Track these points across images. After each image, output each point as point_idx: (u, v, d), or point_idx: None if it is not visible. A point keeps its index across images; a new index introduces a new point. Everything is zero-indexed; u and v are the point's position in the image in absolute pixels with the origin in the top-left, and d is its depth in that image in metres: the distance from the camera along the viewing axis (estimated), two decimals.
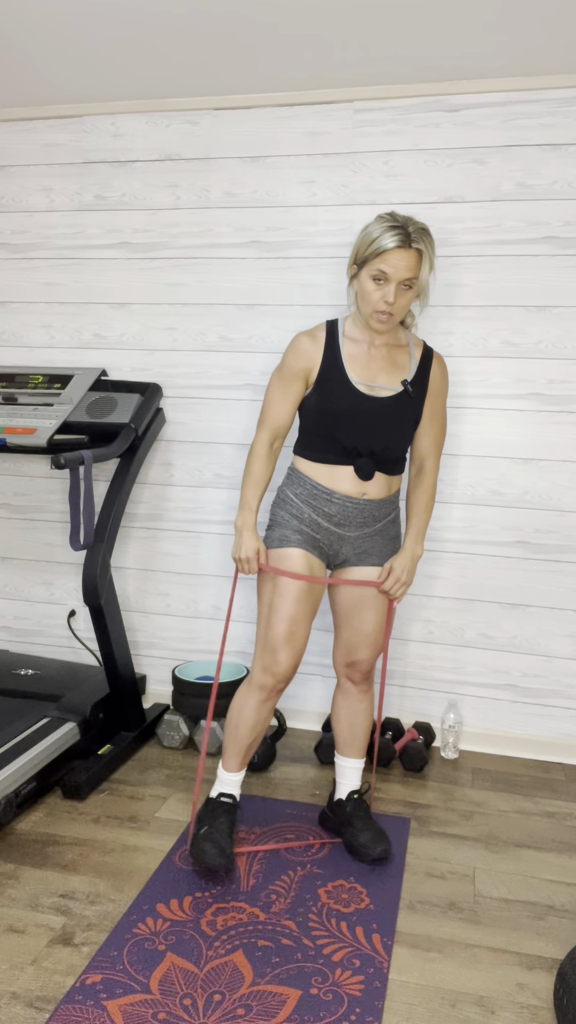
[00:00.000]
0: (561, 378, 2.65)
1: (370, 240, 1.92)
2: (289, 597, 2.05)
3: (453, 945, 1.84)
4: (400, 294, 1.95)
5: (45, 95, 2.82)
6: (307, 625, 2.08)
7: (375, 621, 2.15)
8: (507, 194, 2.62)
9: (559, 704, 2.78)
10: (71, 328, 3.02)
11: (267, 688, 2.08)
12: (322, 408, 2.02)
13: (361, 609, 2.15)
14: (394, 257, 1.90)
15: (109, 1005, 1.62)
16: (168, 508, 3.03)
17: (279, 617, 2.05)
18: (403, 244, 1.90)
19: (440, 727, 2.82)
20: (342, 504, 2.06)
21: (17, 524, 3.19)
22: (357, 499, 2.06)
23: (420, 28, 2.26)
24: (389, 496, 2.12)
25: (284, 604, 2.04)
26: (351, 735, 2.25)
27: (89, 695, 2.70)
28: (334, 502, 2.06)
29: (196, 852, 2.02)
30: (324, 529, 2.08)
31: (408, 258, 1.91)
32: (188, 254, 2.89)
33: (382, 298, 1.94)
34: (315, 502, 2.07)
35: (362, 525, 2.09)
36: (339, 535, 2.09)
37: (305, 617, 2.07)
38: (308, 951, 1.79)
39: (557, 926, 1.92)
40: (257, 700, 2.10)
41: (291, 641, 2.05)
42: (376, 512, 2.10)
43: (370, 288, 1.95)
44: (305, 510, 2.07)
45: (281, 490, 2.14)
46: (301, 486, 2.08)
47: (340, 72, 2.55)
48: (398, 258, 1.90)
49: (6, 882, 2.02)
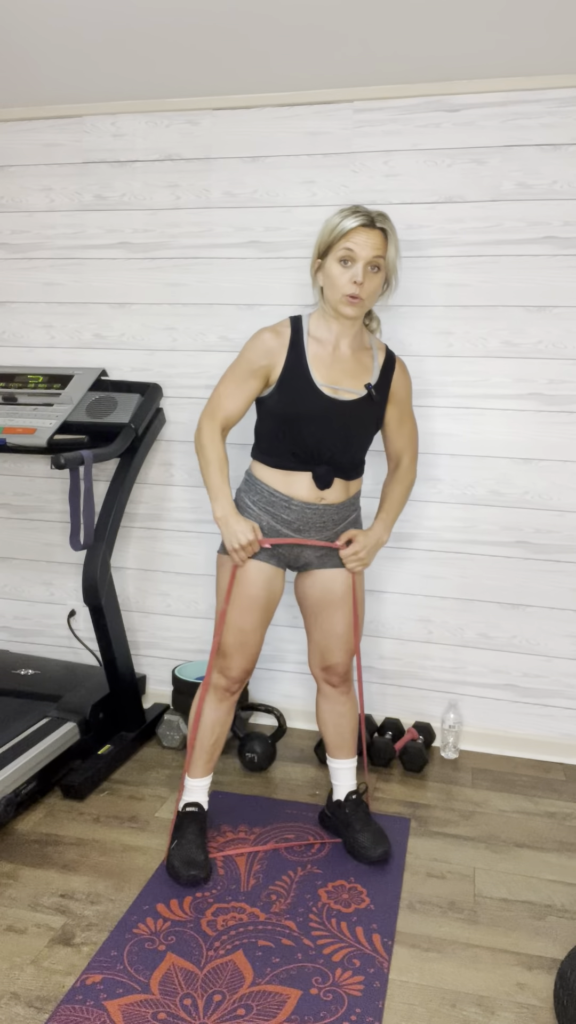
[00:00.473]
0: (561, 378, 2.65)
1: (332, 226, 1.93)
2: (239, 607, 2.06)
3: (453, 945, 1.84)
4: (368, 276, 1.93)
5: (45, 95, 2.82)
6: (260, 633, 2.10)
7: (344, 622, 2.15)
8: (507, 194, 2.62)
9: (559, 704, 2.79)
10: (71, 328, 3.02)
11: (221, 688, 2.12)
12: (285, 410, 1.99)
13: (330, 611, 2.14)
14: (359, 235, 1.90)
15: (109, 1005, 1.62)
16: (168, 508, 3.03)
17: (230, 628, 2.07)
18: (367, 223, 1.90)
19: (440, 727, 2.82)
20: (300, 511, 2.04)
21: (17, 524, 3.19)
22: (315, 504, 2.04)
23: (420, 28, 2.26)
24: (348, 499, 2.10)
25: (235, 615, 2.06)
26: (339, 737, 2.26)
27: (89, 695, 2.70)
28: (292, 508, 2.04)
29: (168, 869, 2.05)
30: (282, 536, 2.07)
31: (373, 236, 1.91)
32: (188, 254, 2.89)
33: (351, 279, 1.91)
34: (273, 509, 2.05)
35: (322, 529, 2.08)
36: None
37: (257, 627, 2.08)
38: (308, 951, 1.79)
39: (557, 926, 1.92)
40: (215, 699, 2.13)
41: (243, 649, 2.09)
42: (335, 516, 2.08)
43: (337, 272, 1.93)
44: (263, 517, 2.05)
45: (239, 496, 2.12)
46: (258, 493, 2.06)
47: (340, 72, 2.55)
48: (363, 236, 1.90)
49: (6, 882, 2.02)
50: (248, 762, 2.63)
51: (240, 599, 2.05)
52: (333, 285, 1.94)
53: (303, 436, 2.00)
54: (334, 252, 1.93)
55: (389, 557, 2.85)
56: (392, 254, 1.95)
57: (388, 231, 1.94)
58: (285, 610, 2.97)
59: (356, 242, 1.90)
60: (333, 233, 1.92)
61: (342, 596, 2.12)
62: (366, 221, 1.90)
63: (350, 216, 1.91)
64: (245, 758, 2.63)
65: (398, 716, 2.93)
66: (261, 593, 2.06)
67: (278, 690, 3.03)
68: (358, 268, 1.91)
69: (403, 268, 2.71)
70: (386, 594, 2.88)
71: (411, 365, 2.75)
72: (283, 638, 2.99)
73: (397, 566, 2.85)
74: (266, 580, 2.06)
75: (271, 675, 3.02)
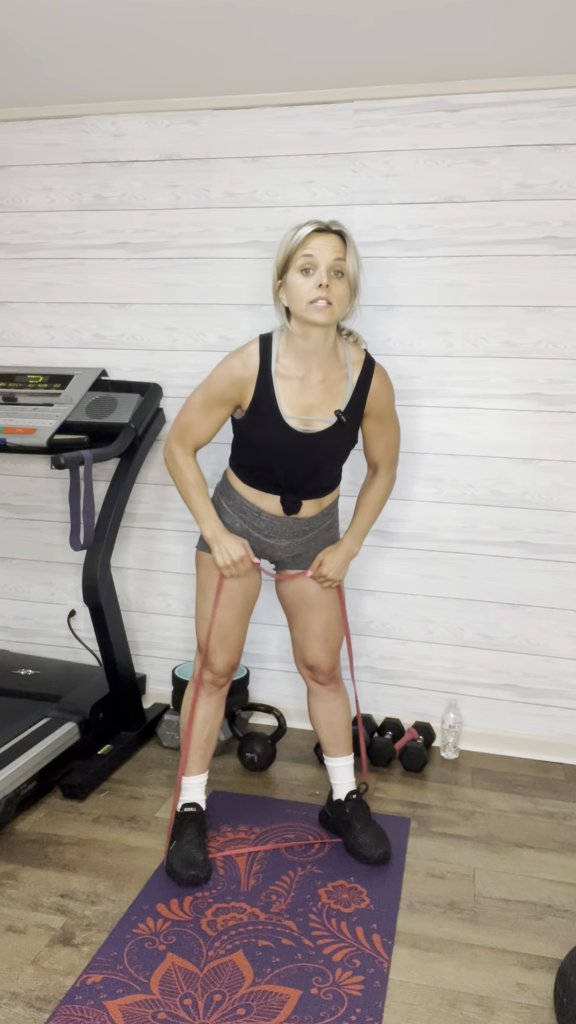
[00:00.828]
0: (561, 378, 2.65)
1: (288, 240, 1.89)
2: (219, 604, 2.09)
3: (453, 945, 1.84)
4: (333, 281, 1.86)
5: (45, 95, 2.82)
6: (241, 627, 2.13)
7: (322, 621, 2.15)
8: (507, 194, 2.62)
9: (559, 704, 2.79)
10: (71, 328, 3.02)
11: (208, 682, 2.15)
12: (254, 440, 1.98)
13: (306, 609, 2.15)
14: (316, 240, 1.85)
15: (109, 1005, 1.62)
16: (168, 508, 3.03)
17: (212, 623, 2.11)
18: (323, 228, 1.87)
19: (440, 727, 2.82)
20: (270, 521, 2.07)
21: (17, 524, 3.19)
22: (286, 518, 2.07)
23: (420, 28, 2.26)
24: (321, 512, 2.11)
25: (216, 612, 2.10)
26: (332, 735, 2.26)
27: (89, 695, 2.70)
28: (263, 519, 2.07)
29: (168, 869, 2.05)
30: (255, 539, 2.10)
31: (331, 239, 1.86)
32: (188, 254, 2.89)
33: (315, 283, 1.84)
34: (245, 515, 2.08)
35: (293, 536, 2.10)
36: (271, 544, 2.10)
37: (238, 621, 2.12)
38: (308, 951, 1.79)
39: (557, 926, 1.92)
40: (203, 695, 2.16)
41: (225, 644, 2.12)
42: (307, 527, 2.10)
43: (299, 282, 1.86)
44: (237, 520, 2.09)
45: (216, 497, 2.15)
46: (232, 499, 2.09)
47: (340, 72, 2.55)
48: (320, 241, 1.85)
49: (6, 882, 2.02)
50: (248, 762, 2.63)
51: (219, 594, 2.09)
52: (297, 296, 1.87)
53: (272, 467, 2.00)
54: (293, 264, 1.87)
55: (389, 557, 2.85)
56: (352, 261, 1.90)
57: (345, 235, 1.90)
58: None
59: (314, 247, 1.85)
60: (290, 245, 1.88)
61: (316, 595, 2.14)
62: (321, 226, 1.87)
63: (305, 225, 1.88)
64: (245, 758, 2.63)
65: (398, 716, 2.93)
66: (238, 587, 2.09)
67: (278, 690, 3.03)
68: (321, 271, 1.85)
69: (403, 268, 2.71)
70: (386, 594, 2.88)
71: (411, 365, 2.75)
72: (282, 638, 2.99)
73: (397, 566, 2.85)
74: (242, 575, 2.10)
75: (271, 675, 3.03)
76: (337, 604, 2.17)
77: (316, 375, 1.96)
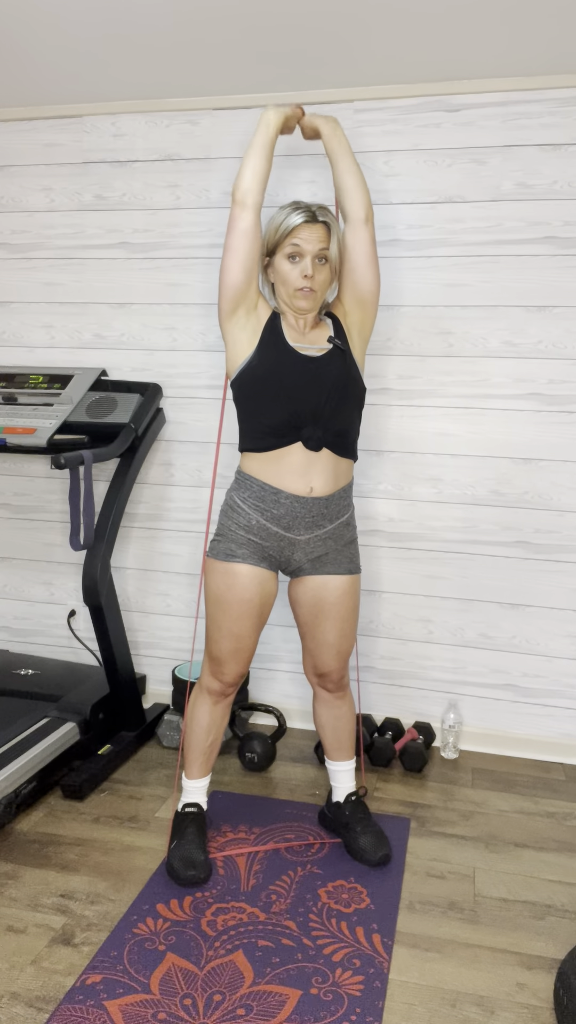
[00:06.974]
0: (561, 378, 2.65)
1: (277, 224, 2.01)
2: (232, 615, 2.05)
3: (453, 945, 1.84)
4: (317, 269, 2.00)
5: (45, 95, 2.82)
6: (254, 638, 2.10)
7: (336, 631, 2.14)
8: (507, 194, 2.62)
9: (559, 704, 2.79)
10: (71, 328, 3.02)
11: (216, 692, 2.13)
12: (266, 373, 2.00)
13: (321, 620, 2.13)
14: (303, 231, 1.98)
15: (109, 1005, 1.62)
16: (168, 508, 3.03)
17: (223, 634, 2.07)
18: (310, 219, 1.99)
19: (440, 727, 2.82)
20: (289, 505, 2.01)
21: (17, 524, 3.19)
22: (304, 497, 2.01)
23: (420, 28, 2.26)
24: (338, 491, 2.07)
25: (227, 622, 2.06)
26: (336, 740, 2.26)
27: (89, 695, 2.70)
28: (281, 503, 2.01)
29: (168, 869, 2.05)
30: (273, 535, 2.03)
31: (317, 230, 1.99)
32: (188, 254, 2.89)
33: (301, 273, 1.99)
34: (262, 504, 2.02)
35: (311, 527, 2.05)
36: (289, 540, 2.04)
37: (251, 633, 2.08)
38: (308, 951, 1.79)
39: (557, 926, 1.92)
40: (210, 703, 2.14)
41: (236, 655, 2.09)
42: (325, 510, 2.05)
43: (287, 268, 2.01)
44: (253, 516, 2.03)
45: (229, 496, 2.10)
46: (247, 489, 2.04)
47: (340, 72, 2.55)
48: (307, 232, 1.98)
49: (6, 882, 2.02)
50: (248, 762, 2.63)
51: (234, 605, 2.04)
52: (284, 281, 2.02)
53: (286, 393, 1.99)
54: (282, 250, 2.01)
55: (389, 557, 2.86)
56: (335, 246, 2.03)
57: (330, 223, 2.02)
58: (285, 611, 2.97)
59: (302, 238, 1.98)
60: (279, 232, 2.00)
61: (333, 603, 2.11)
62: (308, 217, 1.98)
63: (293, 213, 1.99)
64: (245, 758, 2.63)
65: (398, 716, 2.93)
66: (255, 598, 2.05)
67: (278, 690, 3.03)
68: (307, 262, 1.99)
69: (403, 268, 2.71)
70: (386, 594, 2.88)
71: (411, 365, 2.75)
72: (282, 638, 2.99)
73: (397, 566, 2.85)
74: (259, 584, 2.04)
75: (271, 675, 3.03)
76: (353, 613, 2.15)
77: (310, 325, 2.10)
